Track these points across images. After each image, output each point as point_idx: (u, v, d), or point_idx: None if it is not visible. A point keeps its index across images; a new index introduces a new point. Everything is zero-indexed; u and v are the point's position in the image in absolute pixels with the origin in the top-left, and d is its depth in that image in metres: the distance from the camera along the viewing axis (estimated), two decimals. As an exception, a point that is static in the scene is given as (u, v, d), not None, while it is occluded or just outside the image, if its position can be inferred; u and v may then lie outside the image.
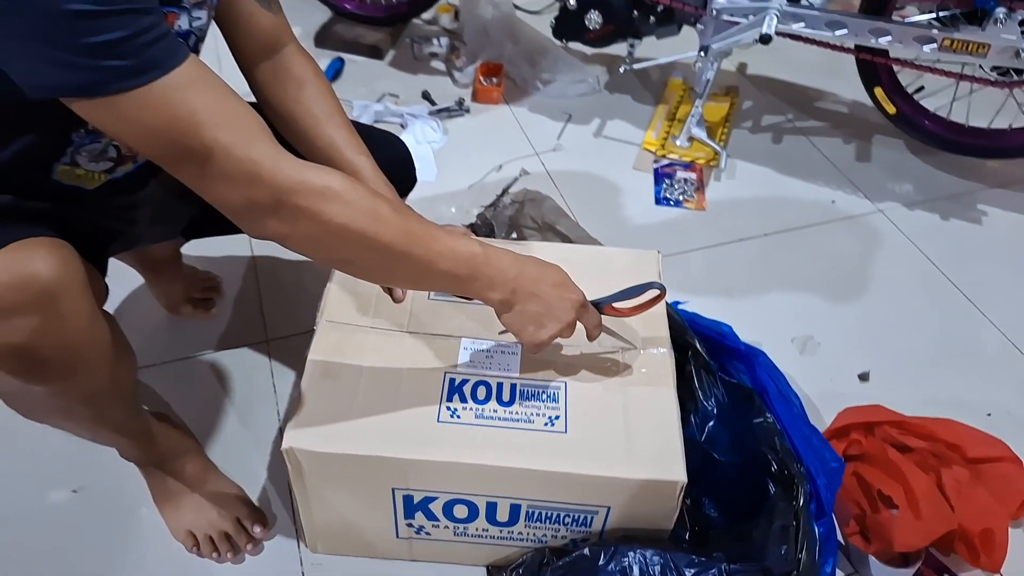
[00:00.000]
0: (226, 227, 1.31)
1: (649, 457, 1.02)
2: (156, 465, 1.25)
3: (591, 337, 1.09)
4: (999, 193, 1.97)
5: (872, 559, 1.19)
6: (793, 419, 1.20)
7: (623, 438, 1.04)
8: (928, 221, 1.89)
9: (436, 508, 1.10)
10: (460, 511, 1.10)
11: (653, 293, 1.13)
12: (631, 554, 1.04)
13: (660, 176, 2.00)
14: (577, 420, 1.06)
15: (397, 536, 1.16)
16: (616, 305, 1.12)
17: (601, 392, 1.10)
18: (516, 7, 2.50)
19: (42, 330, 0.84)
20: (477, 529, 1.13)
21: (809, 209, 1.92)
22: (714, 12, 1.88)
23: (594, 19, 2.00)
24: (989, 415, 1.44)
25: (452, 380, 1.10)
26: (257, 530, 1.23)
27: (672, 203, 1.93)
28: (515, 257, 1.00)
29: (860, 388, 1.50)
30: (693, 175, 2.00)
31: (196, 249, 1.56)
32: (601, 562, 1.04)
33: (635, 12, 1.98)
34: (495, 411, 1.07)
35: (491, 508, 1.09)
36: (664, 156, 2.06)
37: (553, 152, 2.07)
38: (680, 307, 1.39)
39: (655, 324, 1.18)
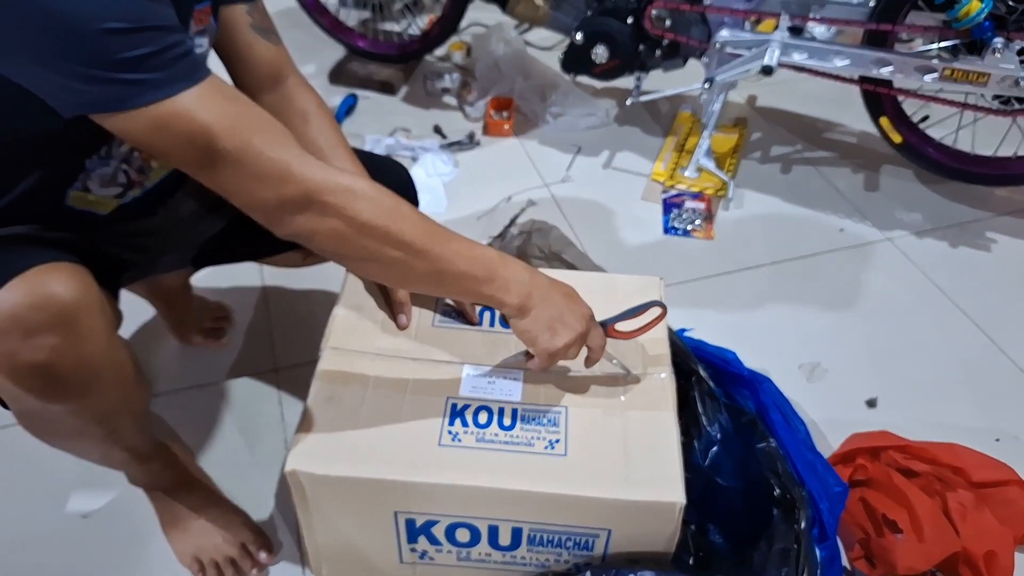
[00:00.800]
0: (234, 255, 1.34)
1: (648, 479, 1.02)
2: (163, 490, 1.27)
3: (593, 359, 1.10)
4: (1007, 221, 1.97)
5: (877, 584, 1.18)
6: (797, 444, 1.20)
7: (622, 461, 1.04)
8: (936, 249, 1.89)
9: (439, 532, 1.10)
10: (462, 535, 1.10)
11: (655, 312, 1.14)
12: (632, 577, 1.04)
13: (669, 206, 2.02)
14: (577, 443, 1.06)
15: (401, 561, 1.16)
16: (618, 327, 1.13)
17: (601, 416, 1.10)
18: (527, 43, 2.54)
19: (61, 349, 0.87)
20: (480, 553, 1.13)
21: (817, 238, 1.92)
22: (718, 45, 1.90)
23: (600, 53, 2.03)
24: (998, 440, 1.43)
25: (454, 405, 1.11)
26: (263, 555, 1.24)
27: (680, 232, 1.95)
28: (527, 266, 1.04)
29: (868, 414, 1.50)
30: (701, 205, 2.02)
31: (207, 280, 1.59)
32: (602, 585, 1.05)
33: (641, 46, 2.01)
34: (496, 435, 1.07)
35: (493, 532, 1.09)
36: (673, 186, 2.08)
37: (562, 183, 2.10)
38: (685, 334, 1.39)
39: (656, 348, 1.19)
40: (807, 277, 1.81)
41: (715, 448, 1.19)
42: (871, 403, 1.51)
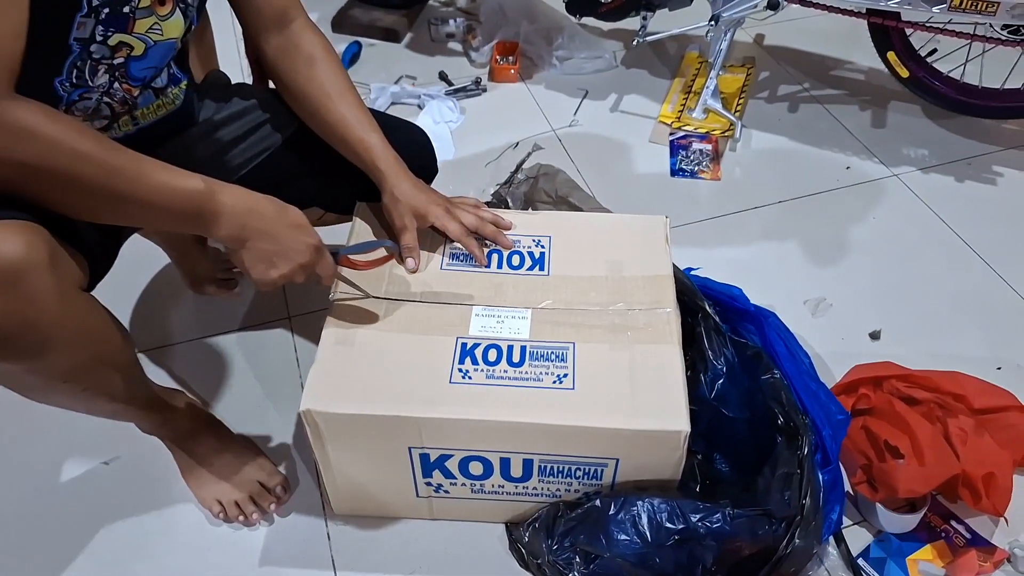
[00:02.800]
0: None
1: (653, 409, 1.07)
2: (174, 439, 1.30)
3: (324, 284, 1.13)
4: (1014, 154, 1.98)
5: (879, 507, 1.23)
6: (800, 375, 1.24)
7: (628, 392, 1.09)
8: (943, 184, 1.91)
9: (452, 466, 1.15)
10: (475, 468, 1.15)
11: (389, 251, 1.21)
12: (639, 503, 1.09)
13: (676, 148, 2.04)
14: (584, 377, 1.11)
15: (417, 495, 1.22)
16: (352, 257, 1.18)
17: (608, 351, 1.14)
18: (532, -15, 2.54)
19: (4, 309, 0.85)
20: (493, 485, 1.18)
21: (824, 176, 1.94)
22: (724, -19, 1.91)
23: (605, -8, 2.04)
24: (999, 369, 1.47)
25: (464, 344, 1.15)
26: (279, 490, 1.30)
27: (688, 174, 1.97)
28: (248, 195, 1.01)
29: (871, 346, 1.53)
30: (708, 146, 2.04)
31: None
32: (612, 511, 1.10)
33: (646, -16, 2.02)
34: (505, 371, 1.12)
35: (505, 464, 1.14)
36: (680, 128, 2.10)
37: (570, 128, 2.12)
38: (692, 273, 1.42)
39: (661, 286, 1.23)
40: (814, 215, 1.84)
41: (721, 381, 1.23)
42: (875, 335, 1.55)
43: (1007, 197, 1.88)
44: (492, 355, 1.14)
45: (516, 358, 1.13)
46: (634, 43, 2.11)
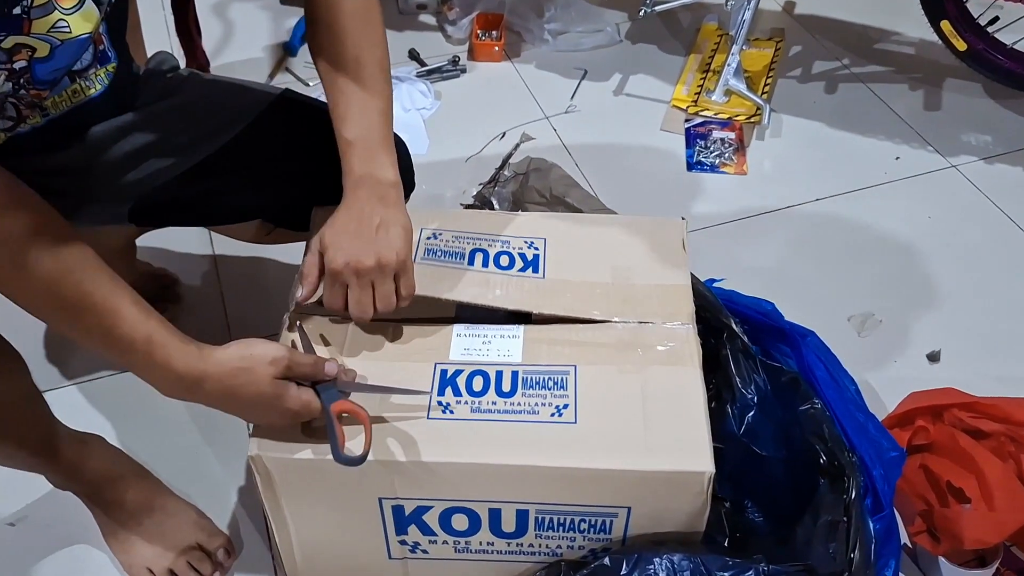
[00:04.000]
0: (183, 217, 1.36)
1: (671, 446, 1.06)
2: (91, 495, 1.28)
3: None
4: (1094, 140, 2.00)
5: (942, 561, 1.22)
6: (846, 405, 1.24)
7: (641, 426, 1.08)
8: (1010, 176, 1.92)
9: (431, 519, 1.14)
10: (460, 522, 1.14)
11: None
12: (657, 560, 1.07)
13: (693, 137, 2.05)
14: (588, 408, 1.10)
15: (389, 557, 1.20)
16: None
17: (616, 375, 1.13)
18: (518, -54, 2.55)
19: None
20: (481, 543, 1.17)
21: (869, 168, 1.96)
22: (746, -61, 1.92)
23: (605, -47, 2.05)
24: (1081, 395, 1.48)
25: (444, 371, 1.14)
26: (221, 554, 1.28)
27: (707, 168, 1.98)
28: (230, 374, 1.08)
29: (929, 370, 1.54)
30: (731, 134, 2.05)
31: (148, 242, 1.61)
32: (623, 571, 1.08)
33: (655, -57, 2.03)
34: (494, 403, 1.11)
35: (495, 516, 1.13)
36: (697, 114, 2.11)
37: (566, 115, 2.13)
38: (715, 285, 1.43)
39: (677, 296, 1.22)
40: (857, 215, 1.85)
41: (751, 413, 1.23)
42: (933, 357, 1.56)
43: (1085, 191, 1.89)
44: (478, 383, 1.13)
45: (506, 386, 1.13)
46: (641, 13, 2.12)
